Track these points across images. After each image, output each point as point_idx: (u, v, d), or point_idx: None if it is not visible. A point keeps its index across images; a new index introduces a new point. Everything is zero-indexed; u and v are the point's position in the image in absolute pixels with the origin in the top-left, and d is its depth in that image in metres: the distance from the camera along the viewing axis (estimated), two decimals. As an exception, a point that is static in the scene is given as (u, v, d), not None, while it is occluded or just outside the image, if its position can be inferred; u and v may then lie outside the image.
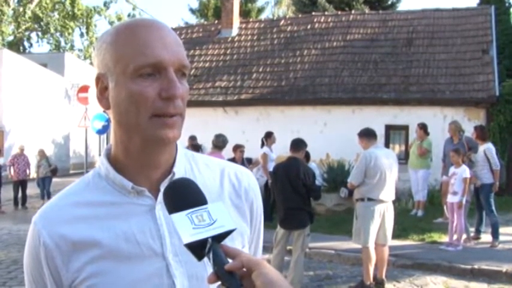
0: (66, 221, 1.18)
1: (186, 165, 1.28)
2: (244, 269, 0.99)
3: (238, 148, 10.87)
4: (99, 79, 1.19)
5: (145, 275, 1.15)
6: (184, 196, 1.07)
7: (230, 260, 1.00)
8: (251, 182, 1.36)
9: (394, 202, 7.06)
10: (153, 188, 1.21)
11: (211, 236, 1.01)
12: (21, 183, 15.58)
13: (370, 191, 6.70)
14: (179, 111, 1.16)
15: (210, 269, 1.01)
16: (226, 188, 1.30)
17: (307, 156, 9.78)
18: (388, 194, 6.76)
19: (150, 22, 1.18)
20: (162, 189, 1.19)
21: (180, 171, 1.25)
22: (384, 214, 6.76)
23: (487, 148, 9.39)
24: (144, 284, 1.15)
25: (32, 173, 16.46)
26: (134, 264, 1.15)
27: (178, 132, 1.17)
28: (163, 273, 1.16)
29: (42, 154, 16.01)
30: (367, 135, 6.99)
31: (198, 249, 1.01)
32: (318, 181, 10.34)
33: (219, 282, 0.99)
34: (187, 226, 1.01)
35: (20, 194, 15.62)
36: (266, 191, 11.11)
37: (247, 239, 1.31)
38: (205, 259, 1.03)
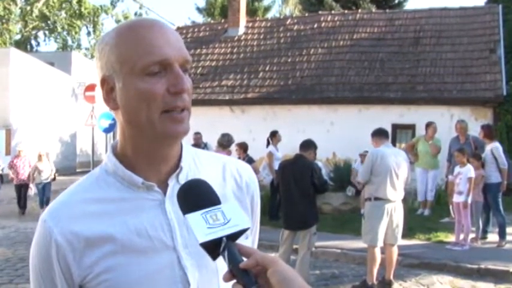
0: (77, 218, 1.18)
1: (190, 160, 1.31)
2: (259, 267, 1.00)
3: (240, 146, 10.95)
4: (105, 81, 1.21)
5: (157, 267, 1.18)
6: (198, 196, 1.10)
7: (245, 259, 1.01)
8: (251, 176, 1.41)
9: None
10: (161, 183, 1.23)
11: (225, 235, 1.03)
12: (22, 187, 14.52)
13: (377, 189, 6.69)
14: (187, 105, 1.19)
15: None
16: (228, 181, 1.34)
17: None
18: (395, 192, 6.73)
19: (151, 21, 1.21)
20: (170, 183, 1.23)
21: (185, 166, 1.27)
22: (391, 213, 6.73)
23: (495, 147, 9.35)
24: (156, 276, 1.17)
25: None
26: (147, 258, 1.17)
27: (188, 127, 1.20)
28: (175, 265, 1.19)
29: (41, 158, 14.34)
30: (378, 134, 7.05)
31: (212, 248, 1.03)
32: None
33: (235, 280, 1.01)
34: (202, 226, 1.03)
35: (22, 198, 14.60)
36: (272, 189, 11.11)
37: (249, 231, 1.33)
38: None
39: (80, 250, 1.16)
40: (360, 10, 19.91)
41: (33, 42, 43.44)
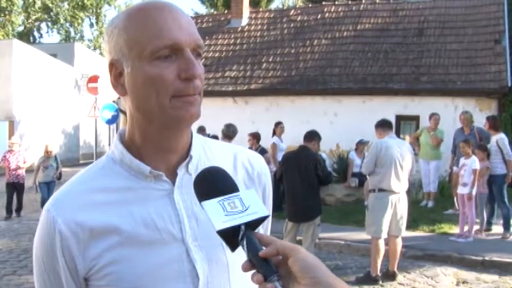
0: (82, 207, 1.14)
1: (200, 149, 1.26)
2: (279, 256, 0.97)
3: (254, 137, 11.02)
4: (113, 65, 1.17)
5: (165, 260, 1.14)
6: (215, 183, 1.06)
7: (264, 248, 0.98)
8: (263, 167, 1.36)
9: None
10: (169, 172, 1.19)
11: (244, 222, 1.00)
12: (15, 187, 12.74)
13: (381, 181, 6.66)
14: (198, 91, 1.14)
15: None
16: (240, 172, 1.30)
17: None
18: (400, 184, 6.69)
19: (162, 4, 1.16)
20: (179, 173, 1.19)
21: (195, 155, 1.23)
22: (395, 205, 6.69)
23: (500, 138, 9.32)
24: (164, 269, 1.13)
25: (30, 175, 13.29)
26: (154, 250, 1.14)
27: (199, 111, 1.15)
28: (184, 258, 1.15)
29: (49, 153, 12.81)
30: (382, 125, 7.00)
31: (231, 236, 1.00)
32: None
33: (254, 270, 0.98)
34: (220, 213, 1.00)
35: (15, 200, 12.84)
36: (275, 180, 11.07)
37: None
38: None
39: (84, 241, 1.13)
40: (363, 1, 19.77)
41: (36, 34, 43.48)
